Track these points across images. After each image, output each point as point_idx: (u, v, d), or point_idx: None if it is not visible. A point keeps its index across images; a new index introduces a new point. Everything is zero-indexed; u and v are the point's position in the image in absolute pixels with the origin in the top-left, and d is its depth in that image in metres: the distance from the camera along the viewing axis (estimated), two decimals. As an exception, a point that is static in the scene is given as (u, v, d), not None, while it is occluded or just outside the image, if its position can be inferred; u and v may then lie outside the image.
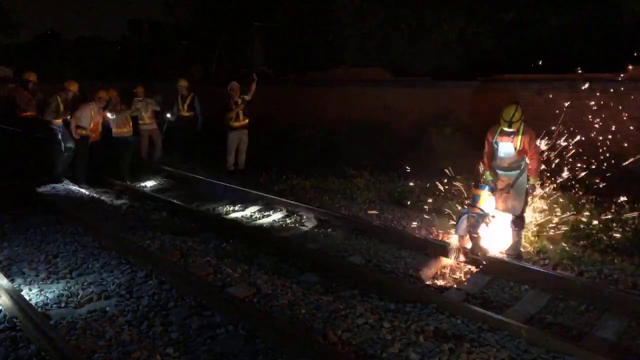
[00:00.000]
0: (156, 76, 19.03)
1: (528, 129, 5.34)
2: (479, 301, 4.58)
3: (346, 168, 9.15)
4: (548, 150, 6.63)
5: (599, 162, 7.15)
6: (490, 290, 4.81)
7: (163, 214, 7.34)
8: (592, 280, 4.91)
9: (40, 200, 7.74)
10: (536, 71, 8.60)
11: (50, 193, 8.38)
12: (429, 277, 5.03)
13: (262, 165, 9.73)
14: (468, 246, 5.32)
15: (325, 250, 5.88)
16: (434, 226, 6.51)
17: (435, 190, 7.63)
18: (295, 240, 6.20)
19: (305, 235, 6.44)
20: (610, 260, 5.32)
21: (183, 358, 3.59)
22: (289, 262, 5.46)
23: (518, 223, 5.43)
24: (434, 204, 7.18)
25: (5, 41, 32.10)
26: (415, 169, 8.65)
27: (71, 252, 5.63)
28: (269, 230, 6.58)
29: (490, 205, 5.33)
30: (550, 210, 6.26)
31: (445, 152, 9.03)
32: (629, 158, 7.50)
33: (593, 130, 7.66)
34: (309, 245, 6.04)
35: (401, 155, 9.13)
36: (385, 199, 7.87)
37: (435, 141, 9.31)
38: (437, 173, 8.04)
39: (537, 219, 6.16)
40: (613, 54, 7.80)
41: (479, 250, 5.24)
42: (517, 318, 4.14)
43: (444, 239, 5.90)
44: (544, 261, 5.37)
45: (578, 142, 6.98)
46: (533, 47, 9.98)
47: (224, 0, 18.49)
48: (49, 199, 7.90)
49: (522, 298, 4.62)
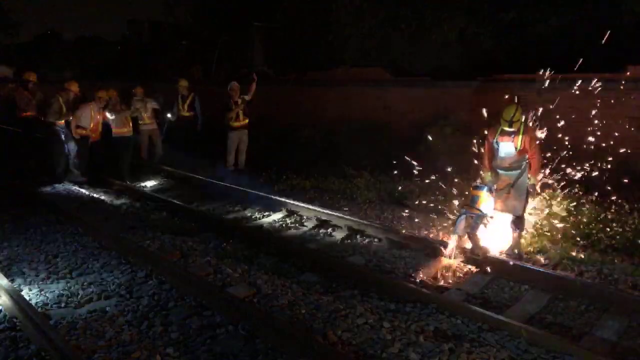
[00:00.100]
0: (156, 76, 19.02)
1: (528, 128, 5.35)
2: (479, 301, 4.57)
3: (346, 168, 9.15)
4: (548, 150, 6.62)
5: (599, 162, 7.14)
6: (490, 290, 4.81)
7: (163, 214, 7.34)
8: (592, 280, 4.91)
9: (40, 200, 7.74)
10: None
11: (50, 193, 8.39)
12: (429, 277, 5.03)
13: (262, 165, 9.74)
14: (468, 246, 5.33)
15: (325, 250, 5.88)
16: (434, 226, 6.52)
17: (435, 190, 7.63)
18: (295, 240, 6.20)
19: (305, 235, 6.44)
20: (610, 260, 5.33)
21: (183, 358, 3.60)
22: (289, 262, 5.46)
23: (518, 223, 5.43)
24: (434, 203, 7.18)
25: (5, 41, 32.14)
26: (415, 168, 8.65)
27: (71, 252, 5.63)
28: (269, 230, 6.58)
29: (489, 206, 5.32)
30: (551, 210, 6.26)
31: (445, 152, 9.04)
32: (629, 158, 7.50)
33: (593, 130, 7.65)
34: (308, 245, 6.04)
35: (401, 155, 9.13)
36: (385, 199, 7.86)
37: (435, 141, 9.30)
38: (437, 173, 8.04)
39: (537, 218, 6.17)
40: (613, 54, 7.79)
41: (478, 250, 5.24)
42: (517, 318, 4.14)
43: (444, 238, 5.90)
44: (544, 261, 5.38)
45: (578, 142, 6.98)
46: (533, 47, 9.98)
47: (224, 0, 18.48)
48: (49, 199, 7.91)
49: (522, 298, 4.62)
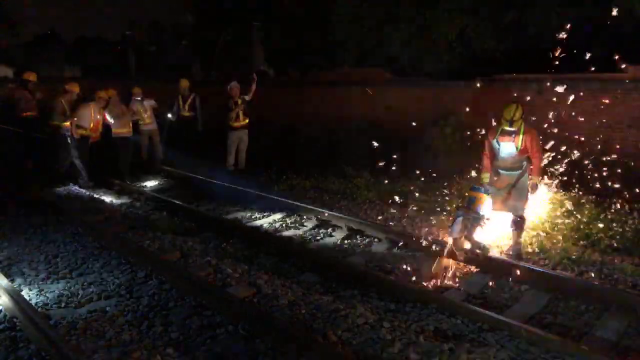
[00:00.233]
0: (156, 76, 19.04)
1: (529, 128, 5.33)
2: (479, 301, 4.57)
3: (346, 168, 9.15)
4: (548, 150, 6.62)
5: (600, 162, 7.15)
6: (490, 290, 4.81)
7: (163, 214, 7.34)
8: (592, 280, 4.91)
9: (40, 200, 7.74)
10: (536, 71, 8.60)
11: (50, 193, 8.38)
12: (429, 277, 5.03)
13: (262, 165, 9.73)
14: (467, 247, 5.32)
15: (325, 250, 5.88)
16: (434, 226, 6.51)
17: (435, 190, 7.63)
18: (295, 240, 6.20)
19: (305, 235, 6.44)
20: (610, 260, 5.33)
21: (183, 358, 3.60)
22: (289, 262, 5.46)
23: (519, 223, 5.42)
24: (434, 203, 7.18)
25: (5, 41, 32.15)
26: (415, 168, 8.65)
27: (71, 252, 5.63)
28: (269, 230, 6.57)
29: (486, 207, 5.31)
30: (551, 210, 6.26)
31: (445, 152, 9.04)
32: (629, 158, 7.50)
33: (593, 130, 7.66)
34: (308, 245, 6.03)
35: (401, 155, 9.13)
36: (385, 199, 7.86)
37: (435, 141, 9.30)
38: (438, 173, 8.05)
39: (537, 218, 6.17)
40: (613, 54, 7.79)
41: (478, 251, 5.23)
42: (517, 318, 4.14)
43: (444, 238, 5.89)
44: (544, 261, 5.37)
45: (578, 142, 6.99)
46: (533, 47, 9.97)
47: (224, 0, 18.48)
48: (49, 199, 7.91)
49: (522, 298, 4.62)
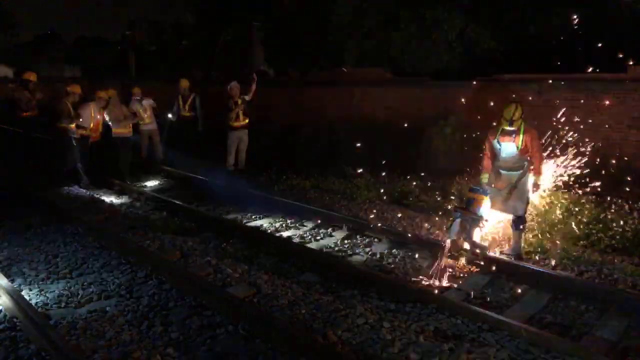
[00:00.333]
0: (156, 76, 19.03)
1: (529, 127, 5.33)
2: (479, 301, 4.57)
3: (346, 168, 9.15)
4: (548, 150, 6.62)
5: (600, 162, 7.15)
6: (490, 290, 4.81)
7: (163, 214, 7.34)
8: (592, 280, 4.91)
9: (41, 200, 7.74)
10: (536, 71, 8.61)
11: (51, 193, 8.38)
12: (429, 277, 5.03)
13: (262, 165, 9.73)
14: (466, 247, 5.31)
15: (325, 250, 5.88)
16: (434, 226, 6.51)
17: (435, 190, 7.63)
18: (295, 240, 6.20)
19: (305, 235, 6.43)
20: (610, 260, 5.33)
21: (183, 358, 3.60)
22: (289, 262, 5.46)
23: (519, 223, 5.42)
24: (434, 203, 7.18)
25: (5, 41, 32.18)
26: (415, 168, 8.65)
27: (71, 252, 5.63)
28: (269, 230, 6.57)
29: (485, 209, 5.30)
30: (551, 210, 6.26)
31: (445, 152, 9.04)
32: (630, 158, 7.50)
33: (593, 130, 7.66)
34: (308, 245, 6.03)
35: (401, 155, 9.13)
36: (385, 199, 7.86)
37: (435, 141, 9.30)
38: (437, 173, 8.05)
39: (538, 218, 6.17)
40: (613, 54, 7.79)
41: (478, 251, 5.23)
42: (517, 318, 4.14)
43: (444, 238, 5.89)
44: (544, 261, 5.37)
45: (578, 142, 6.99)
46: (533, 47, 9.98)
47: (224, 0, 18.47)
48: (49, 199, 7.90)
49: (522, 298, 4.62)
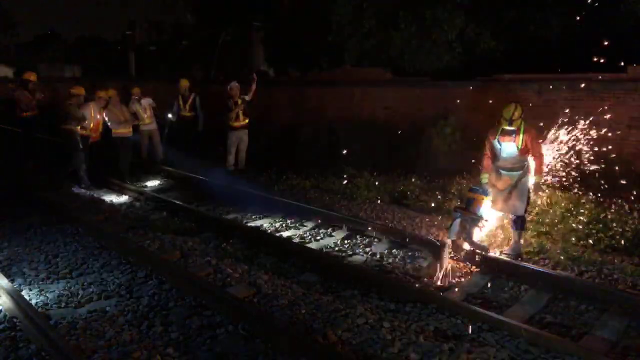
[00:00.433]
0: (156, 76, 19.03)
1: (529, 127, 5.33)
2: (479, 301, 4.58)
3: (346, 168, 9.15)
4: (548, 150, 6.62)
5: (600, 162, 7.15)
6: (490, 290, 4.82)
7: (163, 214, 7.34)
8: (592, 280, 4.91)
9: (41, 200, 7.74)
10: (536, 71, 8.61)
11: (51, 193, 8.38)
12: (429, 277, 5.03)
13: (262, 165, 9.74)
14: (466, 247, 5.32)
15: (325, 250, 5.88)
16: (434, 226, 6.51)
17: (435, 190, 7.63)
18: (295, 240, 6.20)
19: (305, 235, 6.43)
20: (610, 260, 5.33)
21: (183, 358, 3.60)
22: (289, 262, 5.46)
23: (519, 223, 5.42)
24: (434, 203, 7.18)
25: (5, 41, 32.19)
26: (415, 168, 8.65)
27: (71, 252, 5.63)
28: (269, 230, 6.57)
29: (485, 208, 5.30)
30: (551, 210, 6.26)
31: (445, 152, 9.04)
32: (630, 158, 7.50)
33: (593, 130, 7.65)
34: (308, 245, 6.03)
35: (401, 155, 9.13)
36: (385, 199, 7.86)
37: (435, 141, 9.30)
38: (437, 173, 8.04)
39: (538, 218, 6.17)
40: (613, 54, 7.79)
41: (478, 250, 5.24)
42: (517, 318, 4.14)
43: (444, 238, 5.89)
44: (544, 261, 5.37)
45: (578, 142, 6.99)
46: (533, 47, 9.97)
47: (224, 0, 18.46)
48: (49, 199, 7.90)
49: (522, 298, 4.62)
